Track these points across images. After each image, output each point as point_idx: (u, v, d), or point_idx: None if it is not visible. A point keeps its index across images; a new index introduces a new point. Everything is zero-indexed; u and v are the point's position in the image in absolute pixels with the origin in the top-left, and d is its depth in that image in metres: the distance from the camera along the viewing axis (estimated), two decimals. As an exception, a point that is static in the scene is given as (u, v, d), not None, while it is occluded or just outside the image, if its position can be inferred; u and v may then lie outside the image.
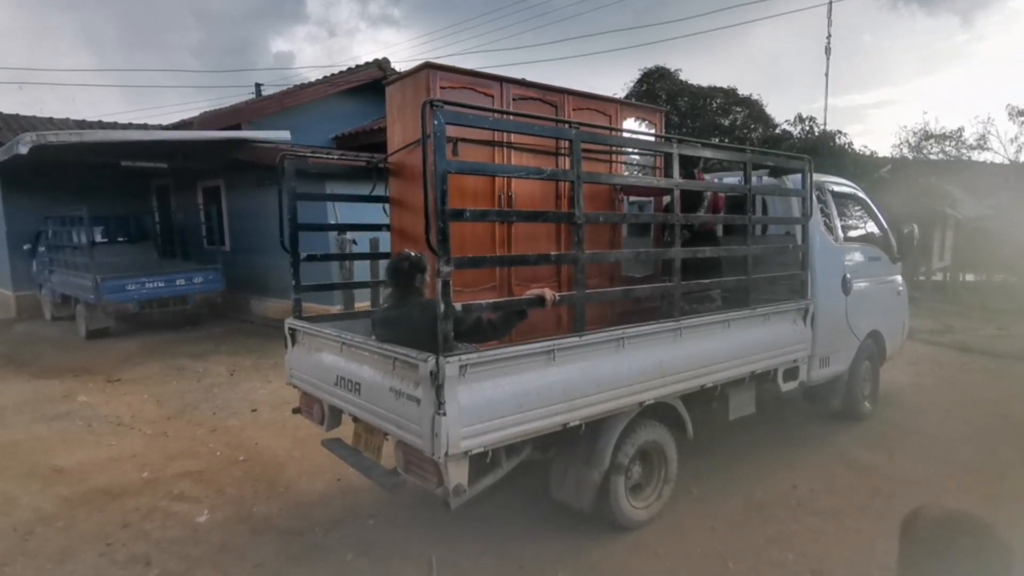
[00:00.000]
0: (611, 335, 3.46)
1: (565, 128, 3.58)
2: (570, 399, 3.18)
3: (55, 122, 14.47)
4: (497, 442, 2.94)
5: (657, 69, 18.49)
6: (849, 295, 5.19)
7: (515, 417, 2.97)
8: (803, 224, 4.73)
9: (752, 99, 18.10)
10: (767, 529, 3.74)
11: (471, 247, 3.81)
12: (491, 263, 3.87)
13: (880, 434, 5.32)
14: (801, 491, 4.24)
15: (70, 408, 6.39)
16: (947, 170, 18.81)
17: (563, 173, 3.60)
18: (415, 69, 3.90)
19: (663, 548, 3.54)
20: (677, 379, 3.76)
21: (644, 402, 3.58)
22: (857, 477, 4.47)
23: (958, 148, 21.35)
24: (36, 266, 12.20)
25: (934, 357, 8.27)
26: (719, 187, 4.81)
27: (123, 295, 9.69)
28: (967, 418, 5.77)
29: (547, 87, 4.31)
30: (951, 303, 13.38)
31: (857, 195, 5.80)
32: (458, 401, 2.76)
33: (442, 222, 2.72)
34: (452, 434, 2.72)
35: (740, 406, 4.49)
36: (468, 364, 2.81)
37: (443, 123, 2.74)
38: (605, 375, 3.36)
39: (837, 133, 16.56)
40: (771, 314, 4.46)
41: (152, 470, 4.72)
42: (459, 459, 2.80)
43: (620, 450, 3.54)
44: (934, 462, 4.72)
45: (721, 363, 4.06)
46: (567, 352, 3.23)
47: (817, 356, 4.89)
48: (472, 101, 3.79)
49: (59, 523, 3.93)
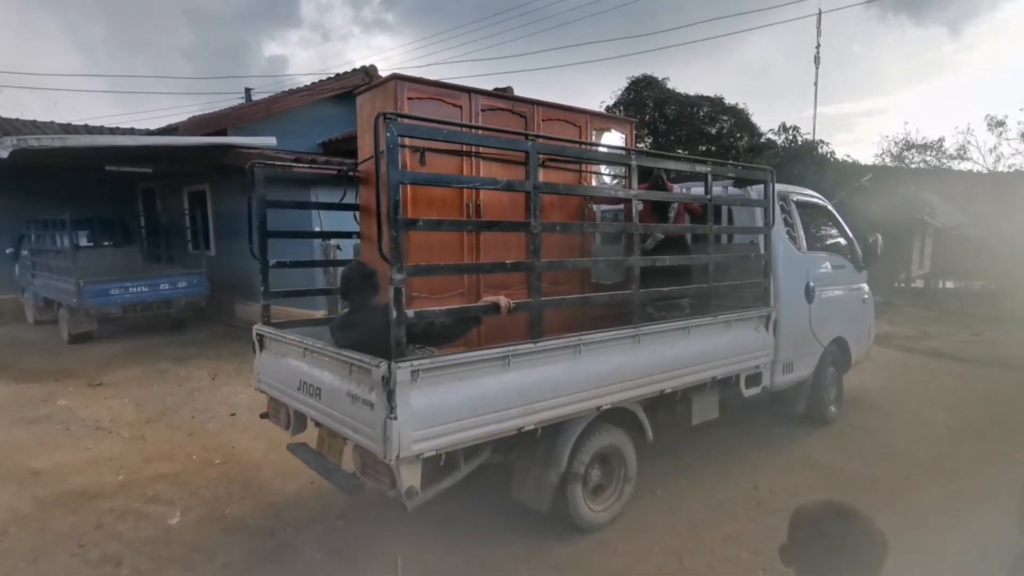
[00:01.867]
0: (567, 342, 3.50)
1: (522, 140, 3.63)
2: (526, 404, 3.24)
3: (39, 125, 14.44)
4: (451, 445, 3.01)
5: (645, 78, 18.70)
6: (813, 303, 5.28)
7: (469, 421, 3.03)
8: (765, 233, 4.83)
9: (738, 108, 18.32)
10: (725, 527, 3.86)
11: (439, 254, 3.88)
12: (445, 271, 3.90)
13: (844, 436, 5.47)
14: (761, 491, 4.36)
15: (50, 411, 6.43)
16: (927, 179, 19.09)
17: (519, 184, 3.66)
18: (383, 80, 3.97)
19: (624, 546, 3.65)
20: (636, 384, 3.82)
21: (602, 407, 3.64)
22: (818, 477, 4.61)
23: (939, 158, 21.64)
24: (19, 270, 12.19)
25: (905, 362, 8.44)
26: (678, 197, 4.89)
27: (106, 299, 9.70)
28: (930, 420, 5.93)
29: (516, 98, 4.36)
30: (929, 309, 13.61)
31: (822, 205, 5.91)
32: (410, 405, 2.81)
33: (395, 231, 2.77)
34: (404, 437, 2.78)
35: (703, 411, 4.57)
36: (421, 369, 2.87)
37: (396, 135, 2.81)
38: (562, 380, 3.42)
39: (820, 142, 16.85)
40: (733, 321, 4.52)
41: (128, 473, 4.78)
42: (411, 462, 2.86)
43: (578, 453, 3.60)
44: (894, 462, 4.87)
45: (681, 369, 4.13)
46: (522, 358, 3.28)
47: (780, 362, 4.99)
48: (440, 111, 3.87)
49: (33, 524, 3.99)
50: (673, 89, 18.47)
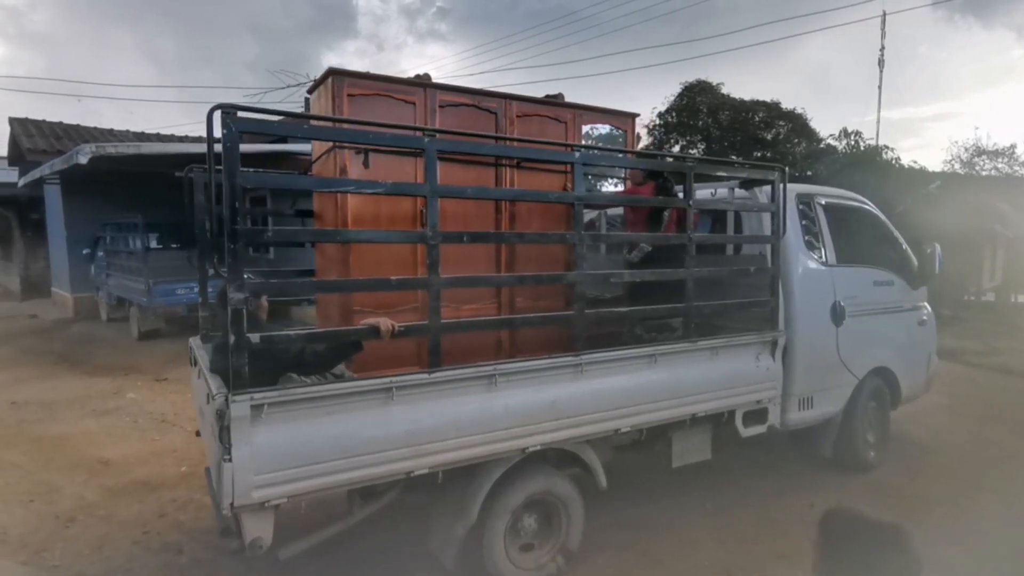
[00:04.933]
0: (476, 372, 2.99)
1: (418, 136, 3.02)
2: (417, 444, 2.78)
3: (115, 133, 15.24)
4: (312, 490, 2.59)
5: (699, 83, 18.42)
6: (842, 325, 4.48)
7: (339, 463, 2.61)
8: (772, 243, 4.07)
9: (796, 113, 17.88)
10: (777, 545, 3.77)
11: (388, 269, 3.34)
12: (300, 288, 3.35)
13: (906, 456, 5.23)
14: (818, 510, 4.21)
15: (119, 404, 6.78)
16: (999, 187, 18.14)
17: (414, 187, 3.24)
18: (321, 77, 3.57)
19: (670, 559, 3.60)
20: (578, 422, 3.23)
21: (528, 448, 3.08)
22: (877, 498, 4.44)
23: (1011, 165, 20.56)
24: (94, 270, 12.88)
25: (973, 379, 8.07)
26: (641, 201, 4.31)
27: (173, 298, 10.16)
28: (996, 440, 5.67)
29: (482, 92, 3.91)
30: (1000, 324, 12.91)
31: (862, 208, 5.04)
32: (253, 444, 2.43)
33: (232, 243, 2.41)
34: (241, 482, 2.39)
35: (687, 451, 3.95)
36: (267, 403, 2.47)
37: (235, 132, 2.40)
38: (469, 417, 2.91)
39: (884, 148, 16.26)
40: (720, 348, 3.82)
41: (190, 465, 4.99)
42: (256, 511, 2.48)
43: (494, 503, 3.08)
44: (957, 484, 4.66)
45: (644, 404, 3.47)
46: (411, 391, 2.81)
47: (795, 396, 4.25)
48: (388, 109, 3.49)
49: (101, 511, 4.21)
50: (727, 94, 18.14)
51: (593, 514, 3.58)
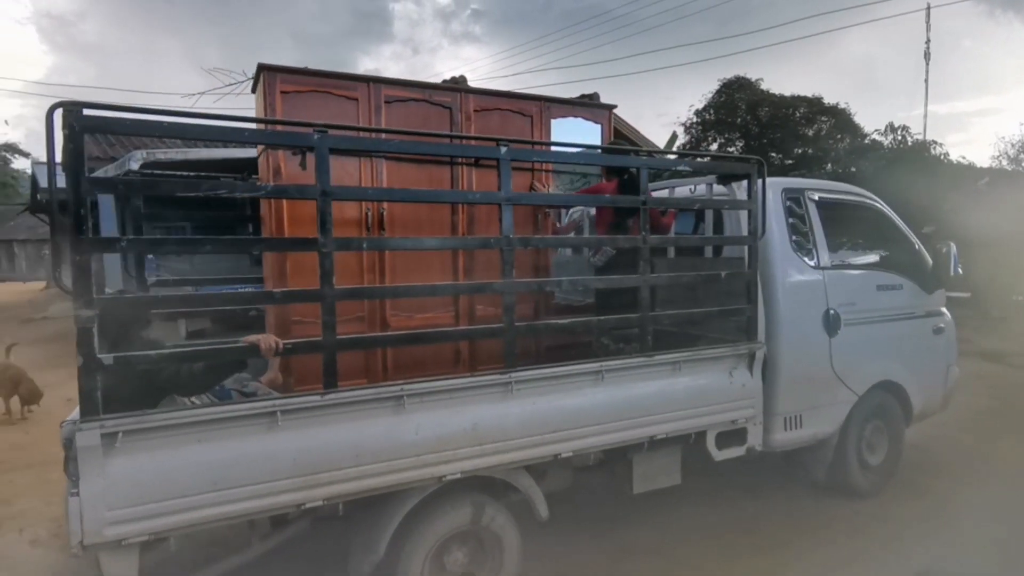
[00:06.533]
0: (380, 392, 2.71)
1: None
2: (307, 473, 2.50)
3: (164, 140, 15.75)
4: (180, 526, 2.33)
5: (737, 79, 18.06)
6: (837, 335, 4.03)
7: (211, 496, 2.35)
8: (749, 244, 3.64)
9: (839, 108, 17.38)
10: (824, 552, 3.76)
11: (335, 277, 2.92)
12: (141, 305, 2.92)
13: (947, 460, 5.13)
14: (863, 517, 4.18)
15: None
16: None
17: (302, 189, 2.87)
18: (255, 73, 3.37)
19: (703, 563, 3.62)
20: (506, 447, 2.91)
21: (445, 476, 2.78)
22: (923, 504, 4.36)
23: (1058, 161, 19.65)
24: (145, 271, 13.37)
25: (1017, 381, 7.86)
26: (594, 200, 4.09)
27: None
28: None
29: (433, 86, 3.73)
30: (1050, 326, 12.43)
31: (866, 204, 4.52)
32: (107, 476, 2.20)
33: (78, 254, 2.17)
34: (91, 519, 2.17)
35: (650, 476, 3.57)
36: (123, 431, 2.23)
37: (79, 131, 2.16)
38: (373, 443, 2.64)
39: (932, 143, 15.73)
40: (684, 362, 3.43)
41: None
42: (114, 549, 2.23)
43: (408, 536, 2.82)
44: (1003, 488, 4.59)
45: (590, 427, 3.12)
46: (301, 415, 2.54)
47: (780, 415, 3.83)
48: (327, 106, 3.30)
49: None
50: (767, 90, 17.74)
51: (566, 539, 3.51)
